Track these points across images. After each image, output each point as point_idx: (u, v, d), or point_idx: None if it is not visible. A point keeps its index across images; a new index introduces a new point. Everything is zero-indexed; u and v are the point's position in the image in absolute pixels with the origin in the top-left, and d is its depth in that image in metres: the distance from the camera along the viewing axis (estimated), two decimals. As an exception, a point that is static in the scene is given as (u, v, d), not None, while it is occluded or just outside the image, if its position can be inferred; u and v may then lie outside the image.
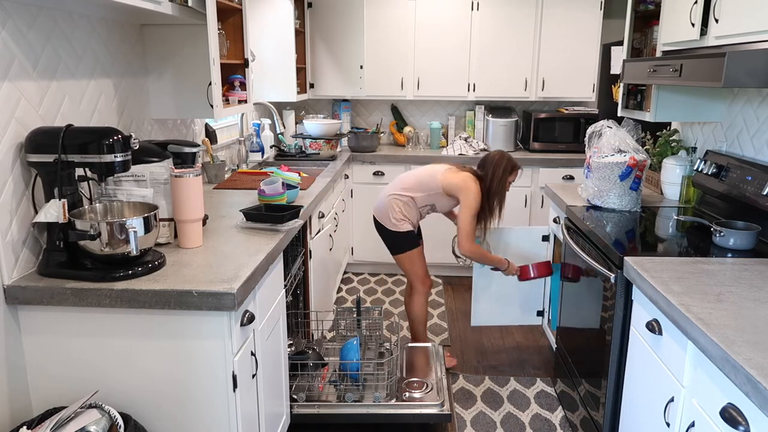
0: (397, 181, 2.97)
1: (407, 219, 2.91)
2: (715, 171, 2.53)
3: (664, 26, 2.67)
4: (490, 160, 2.90)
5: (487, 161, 2.90)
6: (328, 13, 4.35)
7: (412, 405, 2.48)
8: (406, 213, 2.91)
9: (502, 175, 2.86)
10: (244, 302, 1.73)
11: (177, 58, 2.47)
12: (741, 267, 1.87)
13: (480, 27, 4.39)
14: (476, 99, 4.54)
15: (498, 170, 2.86)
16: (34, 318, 1.67)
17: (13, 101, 1.66)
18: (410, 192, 2.89)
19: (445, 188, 2.85)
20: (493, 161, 2.88)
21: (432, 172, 2.90)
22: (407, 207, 2.91)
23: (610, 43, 4.28)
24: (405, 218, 2.91)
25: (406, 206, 2.90)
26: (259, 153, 3.92)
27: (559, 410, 2.81)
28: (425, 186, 2.88)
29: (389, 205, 2.90)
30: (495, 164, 2.87)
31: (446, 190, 2.85)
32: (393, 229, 2.92)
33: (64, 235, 1.68)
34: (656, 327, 1.74)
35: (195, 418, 1.72)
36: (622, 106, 3.13)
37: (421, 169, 2.97)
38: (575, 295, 2.61)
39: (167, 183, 1.99)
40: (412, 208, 2.92)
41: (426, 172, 2.92)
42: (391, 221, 2.90)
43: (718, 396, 1.37)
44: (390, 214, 2.90)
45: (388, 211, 2.90)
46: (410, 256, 2.97)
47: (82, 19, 1.99)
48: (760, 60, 1.74)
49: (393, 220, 2.90)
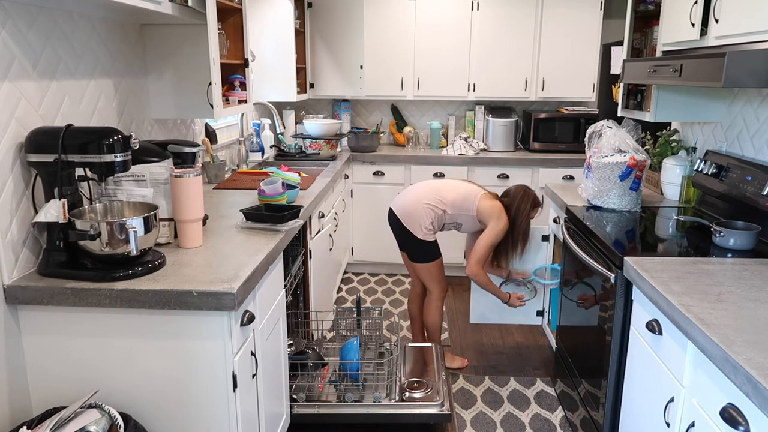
0: (432, 190, 2.92)
1: (435, 230, 2.92)
2: (715, 171, 2.53)
3: (664, 26, 2.67)
4: (516, 194, 2.91)
5: (514, 195, 2.92)
6: (328, 13, 4.35)
7: (412, 405, 2.48)
8: (437, 225, 2.92)
9: (530, 211, 2.90)
10: (244, 302, 1.73)
11: (177, 58, 2.47)
12: (741, 267, 1.87)
13: (480, 27, 4.39)
14: (476, 99, 4.54)
15: (524, 205, 2.88)
16: (34, 318, 1.67)
17: (13, 101, 1.66)
18: (446, 207, 2.88)
19: (480, 213, 2.86)
20: (519, 195, 2.90)
21: (468, 194, 2.89)
22: (439, 220, 2.91)
23: (610, 43, 4.28)
24: (434, 229, 2.91)
25: (438, 219, 2.90)
26: (259, 153, 3.92)
27: (559, 410, 2.81)
28: (461, 206, 2.88)
29: (422, 212, 2.87)
30: (521, 199, 2.89)
31: (480, 215, 2.86)
32: (422, 238, 2.90)
33: (64, 235, 1.68)
34: (656, 327, 1.74)
35: (195, 418, 1.72)
36: (622, 106, 3.13)
37: (456, 184, 2.95)
38: (575, 295, 2.61)
39: (167, 183, 1.99)
40: (441, 222, 2.93)
41: (464, 191, 2.90)
42: (422, 230, 2.88)
43: (718, 396, 1.37)
44: (421, 222, 2.87)
45: (420, 219, 2.87)
46: (435, 265, 2.98)
47: (82, 19, 1.99)
48: (760, 60, 1.74)
49: (424, 230, 2.88)
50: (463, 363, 3.21)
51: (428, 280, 3.01)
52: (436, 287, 3.03)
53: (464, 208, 2.88)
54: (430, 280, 3.01)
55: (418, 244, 2.92)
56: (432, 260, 2.96)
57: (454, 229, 3.00)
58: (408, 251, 2.99)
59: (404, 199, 2.94)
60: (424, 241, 2.90)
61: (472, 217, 2.88)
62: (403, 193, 2.98)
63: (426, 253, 2.95)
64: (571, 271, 2.69)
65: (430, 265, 2.97)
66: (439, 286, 3.03)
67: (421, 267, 2.99)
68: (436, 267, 2.98)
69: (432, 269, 2.98)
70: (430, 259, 2.96)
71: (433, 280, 3.01)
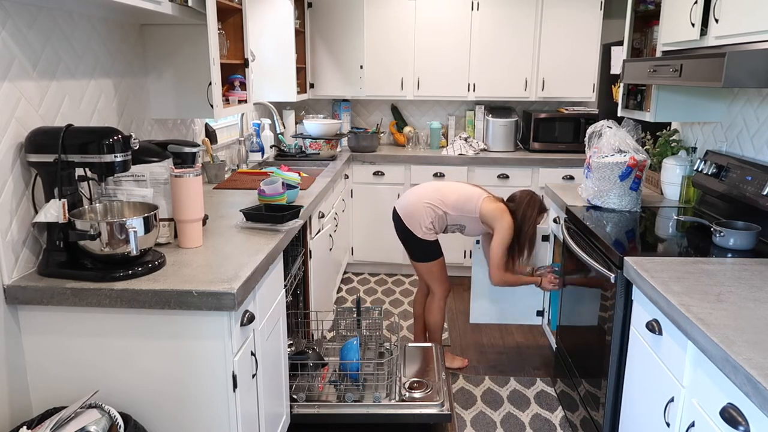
0: (434, 191, 2.92)
1: (435, 230, 2.92)
2: (715, 171, 2.53)
3: (664, 26, 2.67)
4: (521, 200, 2.90)
5: (520, 201, 2.90)
6: (328, 13, 4.35)
7: (412, 405, 2.48)
8: (438, 226, 2.91)
9: (536, 217, 2.89)
10: (244, 302, 1.73)
11: (177, 58, 2.47)
12: (741, 267, 1.87)
13: (480, 27, 4.39)
14: (476, 99, 4.54)
15: (530, 212, 2.87)
16: (34, 318, 1.67)
17: (13, 101, 1.66)
18: (447, 208, 2.88)
19: (483, 215, 2.85)
20: (525, 201, 2.89)
21: (471, 197, 2.88)
22: (440, 221, 2.91)
23: (610, 43, 4.28)
24: (434, 229, 2.91)
25: (439, 220, 2.90)
26: (259, 153, 3.92)
27: (559, 410, 2.81)
28: (463, 207, 2.88)
29: (422, 212, 2.88)
30: (527, 204, 2.88)
31: (483, 217, 2.86)
32: (422, 237, 2.90)
33: (64, 235, 1.68)
34: (656, 327, 1.74)
35: (195, 418, 1.72)
36: (622, 106, 3.13)
37: (459, 187, 2.94)
38: (575, 295, 2.61)
39: (167, 183, 1.99)
40: (443, 223, 2.92)
41: (466, 193, 2.90)
42: (422, 229, 2.88)
43: (718, 396, 1.37)
44: (421, 222, 2.87)
45: (420, 218, 2.87)
46: (436, 264, 2.98)
47: (82, 19, 1.99)
48: (760, 60, 1.74)
49: (423, 229, 2.88)
50: (463, 363, 3.21)
51: (430, 279, 3.02)
52: (439, 287, 3.03)
53: (466, 210, 2.88)
54: (432, 279, 3.01)
55: (419, 243, 2.92)
56: (432, 260, 2.96)
57: (458, 232, 3.00)
58: (409, 250, 3.00)
59: (407, 199, 2.95)
60: (425, 240, 2.90)
61: (475, 219, 2.88)
62: (407, 193, 2.99)
63: (426, 252, 2.95)
64: (571, 271, 2.69)
65: (431, 264, 2.97)
66: (442, 286, 3.03)
67: (422, 266, 2.99)
68: (437, 266, 2.98)
69: (433, 268, 2.98)
70: (430, 258, 2.96)
71: (434, 279, 3.01)
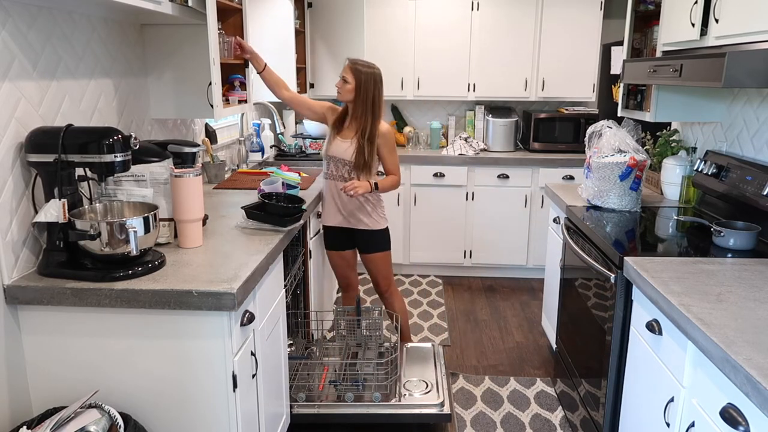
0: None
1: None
2: (715, 171, 2.53)
3: (664, 26, 2.67)
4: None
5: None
6: (328, 13, 4.35)
7: (411, 405, 2.48)
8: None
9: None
10: (244, 302, 1.73)
11: (177, 58, 2.47)
12: (741, 267, 1.87)
13: (480, 27, 4.39)
14: (476, 99, 4.54)
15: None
16: (34, 318, 1.67)
17: (13, 101, 1.66)
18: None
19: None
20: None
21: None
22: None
23: (610, 43, 4.28)
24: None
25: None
26: (259, 153, 3.92)
27: (559, 410, 2.81)
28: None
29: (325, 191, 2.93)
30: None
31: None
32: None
33: (64, 235, 1.68)
34: (656, 327, 1.74)
35: (195, 418, 1.72)
36: (622, 106, 3.13)
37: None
38: (575, 295, 2.61)
39: (167, 183, 1.99)
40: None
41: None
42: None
43: (718, 396, 1.37)
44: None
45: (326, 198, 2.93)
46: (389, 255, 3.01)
47: (82, 19, 1.99)
48: (760, 60, 1.74)
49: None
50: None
51: (386, 273, 3.05)
52: (391, 280, 3.07)
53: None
54: (388, 273, 3.05)
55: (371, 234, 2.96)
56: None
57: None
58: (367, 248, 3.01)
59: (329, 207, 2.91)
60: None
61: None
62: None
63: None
64: (571, 270, 2.69)
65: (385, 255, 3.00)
66: (391, 279, 3.06)
67: (376, 258, 3.01)
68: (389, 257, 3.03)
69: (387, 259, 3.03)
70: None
71: (390, 273, 3.05)
